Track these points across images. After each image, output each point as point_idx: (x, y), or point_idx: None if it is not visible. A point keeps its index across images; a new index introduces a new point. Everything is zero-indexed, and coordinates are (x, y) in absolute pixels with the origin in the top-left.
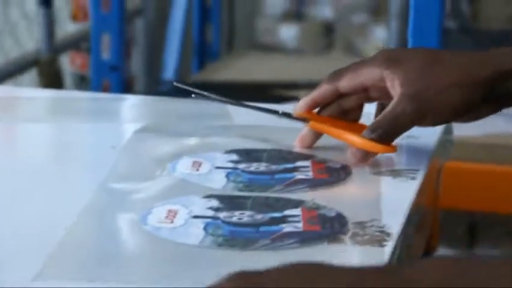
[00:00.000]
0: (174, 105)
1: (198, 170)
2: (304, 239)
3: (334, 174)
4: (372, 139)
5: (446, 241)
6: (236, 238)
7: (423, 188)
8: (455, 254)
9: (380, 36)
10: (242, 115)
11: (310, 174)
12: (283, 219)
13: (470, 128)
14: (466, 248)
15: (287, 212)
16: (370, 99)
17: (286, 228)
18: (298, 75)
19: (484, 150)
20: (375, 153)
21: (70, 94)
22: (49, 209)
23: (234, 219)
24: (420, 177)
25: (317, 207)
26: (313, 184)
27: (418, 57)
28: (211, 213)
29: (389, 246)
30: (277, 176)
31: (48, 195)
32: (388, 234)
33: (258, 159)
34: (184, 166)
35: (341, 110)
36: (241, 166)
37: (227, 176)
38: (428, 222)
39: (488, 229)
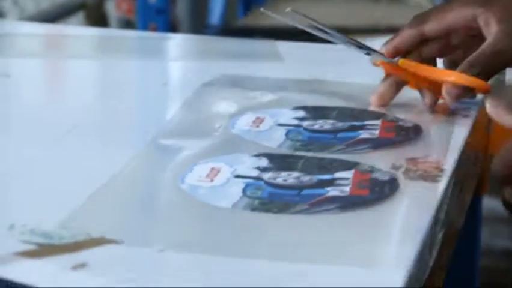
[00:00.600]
0: (222, 44)
1: (258, 126)
2: (346, 204)
3: (401, 133)
4: (469, 74)
5: (493, 188)
6: (273, 201)
7: (476, 128)
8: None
9: None
10: (292, 55)
11: (376, 133)
12: (332, 182)
13: None
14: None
15: (338, 175)
16: (450, 47)
17: (332, 192)
18: (346, 20)
19: None
20: (470, 92)
21: (117, 33)
22: (97, 150)
23: (279, 180)
24: (473, 114)
25: (371, 170)
26: (376, 144)
27: None
28: (255, 173)
29: (442, 182)
30: (340, 135)
31: (100, 134)
32: (442, 170)
33: (325, 117)
34: (245, 122)
35: (419, 59)
36: (305, 124)
37: (287, 134)
38: (478, 165)
39: None
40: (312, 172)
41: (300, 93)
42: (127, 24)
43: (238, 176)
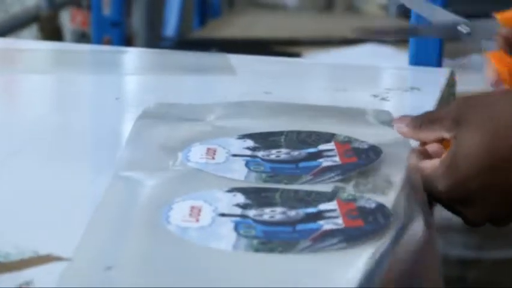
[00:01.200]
0: (176, 58)
1: (213, 158)
2: (348, 237)
3: (362, 157)
4: None
5: None
6: (273, 241)
7: None
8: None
9: None
10: (245, 68)
11: (337, 160)
12: (320, 215)
13: (470, 85)
14: None
15: (322, 207)
16: None
17: (326, 225)
18: (298, 33)
19: None
20: None
21: (71, 46)
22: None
23: (266, 217)
24: None
25: (354, 199)
26: (343, 171)
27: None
28: (238, 210)
29: (391, 196)
30: (301, 165)
31: (51, 149)
32: (391, 183)
33: (276, 145)
34: (198, 154)
35: None
36: (260, 154)
37: (247, 165)
38: None
39: None
40: (295, 206)
41: (237, 118)
42: (82, 37)
43: (223, 215)
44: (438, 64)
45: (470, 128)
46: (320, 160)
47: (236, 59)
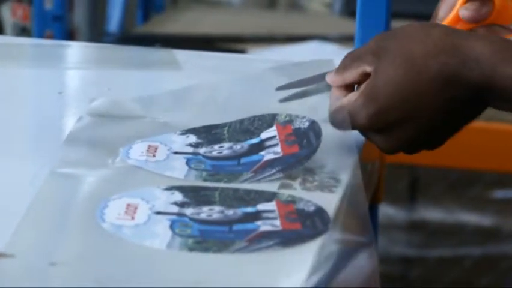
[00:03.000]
0: (120, 52)
1: (154, 155)
2: (285, 240)
3: (304, 143)
4: None
5: (388, 196)
6: (208, 240)
7: None
8: (397, 210)
9: None
10: (190, 63)
11: (279, 150)
12: (258, 216)
13: None
14: (408, 203)
15: (260, 207)
16: None
17: (263, 226)
18: (242, 29)
19: None
20: None
21: (12, 40)
22: None
23: (203, 215)
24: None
25: (293, 200)
26: (284, 165)
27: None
28: (175, 209)
29: (338, 193)
30: (243, 160)
31: None
32: (338, 181)
33: (219, 139)
34: (138, 151)
35: None
36: (202, 150)
37: (187, 163)
38: (375, 175)
39: (429, 185)
40: (233, 205)
41: (179, 112)
42: (23, 31)
43: (159, 213)
44: None
45: (389, 59)
46: (262, 153)
47: (181, 55)
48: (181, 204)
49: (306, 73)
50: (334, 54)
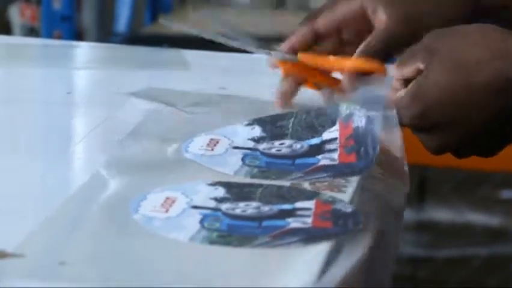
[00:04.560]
0: (128, 52)
1: (212, 149)
2: (309, 237)
3: (361, 152)
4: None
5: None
6: (233, 234)
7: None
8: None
9: None
10: (199, 63)
11: (335, 157)
12: (292, 213)
13: None
14: (416, 203)
15: (298, 205)
16: (343, 43)
17: (293, 223)
18: (253, 28)
19: None
20: (368, 75)
21: (21, 40)
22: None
23: (237, 211)
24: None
25: (333, 201)
26: (336, 172)
27: None
28: (213, 203)
29: (347, 193)
30: (298, 161)
31: (1, 143)
32: (348, 181)
33: (282, 134)
34: (198, 145)
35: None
36: (262, 146)
37: (243, 158)
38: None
39: (437, 185)
40: (272, 201)
41: (244, 103)
42: (31, 32)
43: (195, 207)
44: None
45: (440, 59)
46: (319, 157)
47: (190, 55)
48: (220, 200)
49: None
50: None
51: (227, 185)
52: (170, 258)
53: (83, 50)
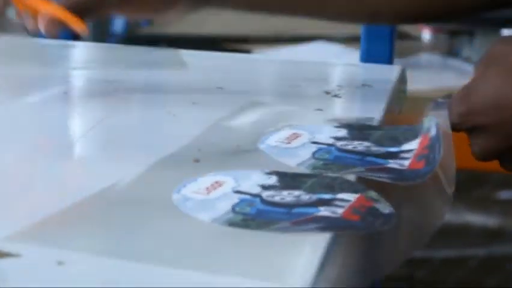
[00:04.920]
0: (126, 52)
1: (289, 143)
2: (330, 225)
3: (430, 159)
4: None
5: None
6: (256, 219)
7: None
8: None
9: None
10: (197, 63)
11: (406, 164)
12: (329, 202)
13: (420, 83)
14: None
15: (340, 195)
16: None
17: (323, 212)
18: (247, 30)
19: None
20: (66, 27)
21: (17, 40)
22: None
23: (276, 198)
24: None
25: (377, 200)
26: (400, 177)
27: None
28: (257, 190)
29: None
30: (368, 158)
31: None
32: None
33: (364, 138)
34: (277, 138)
35: None
36: (340, 143)
37: (315, 152)
38: None
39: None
40: (315, 191)
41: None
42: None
43: (237, 192)
44: (389, 61)
45: (494, 63)
46: (390, 161)
47: (187, 55)
48: (266, 187)
49: None
50: (339, 54)
51: (282, 175)
52: (175, 237)
53: (80, 50)
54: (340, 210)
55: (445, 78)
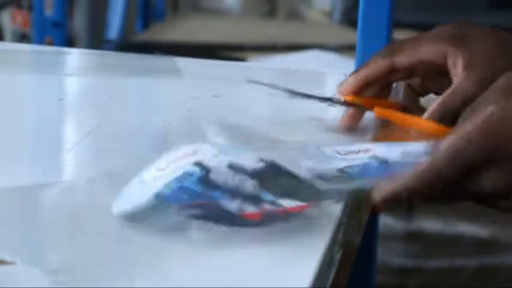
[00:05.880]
0: (120, 59)
1: (346, 154)
2: (210, 215)
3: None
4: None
5: (387, 207)
6: (159, 203)
7: None
8: (395, 220)
9: (322, 3)
10: (192, 70)
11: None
12: (258, 200)
13: None
14: (406, 213)
15: (283, 201)
16: (412, 76)
17: (227, 203)
18: (242, 38)
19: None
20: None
21: (12, 46)
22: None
23: (220, 179)
24: (373, 133)
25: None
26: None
27: (486, 38)
28: (217, 164)
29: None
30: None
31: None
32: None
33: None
34: (345, 148)
35: (380, 87)
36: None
37: (351, 166)
38: None
39: None
40: (271, 189)
41: None
42: (22, 38)
43: (197, 164)
44: None
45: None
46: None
47: (182, 62)
48: (235, 168)
49: None
50: (334, 63)
51: (273, 167)
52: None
53: (75, 57)
54: (250, 209)
55: None
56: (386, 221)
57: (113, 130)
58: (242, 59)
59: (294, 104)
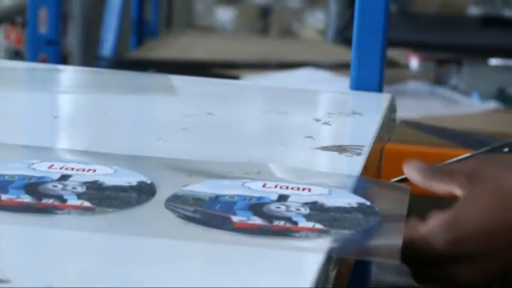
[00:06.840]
0: (114, 77)
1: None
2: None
3: None
4: None
5: None
6: None
7: (368, 165)
8: None
9: (316, 21)
10: (186, 88)
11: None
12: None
13: (408, 111)
14: None
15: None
16: None
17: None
18: (235, 56)
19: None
20: None
21: (4, 64)
22: None
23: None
24: (365, 153)
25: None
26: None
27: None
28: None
29: None
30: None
31: None
32: None
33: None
34: None
35: None
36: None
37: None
38: None
39: (419, 211)
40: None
41: None
42: (16, 55)
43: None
44: (379, 89)
45: (482, 187)
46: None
47: (177, 80)
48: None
49: None
50: (327, 81)
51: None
52: None
53: (69, 74)
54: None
55: (433, 107)
56: None
57: (108, 148)
58: (235, 77)
59: (287, 121)
